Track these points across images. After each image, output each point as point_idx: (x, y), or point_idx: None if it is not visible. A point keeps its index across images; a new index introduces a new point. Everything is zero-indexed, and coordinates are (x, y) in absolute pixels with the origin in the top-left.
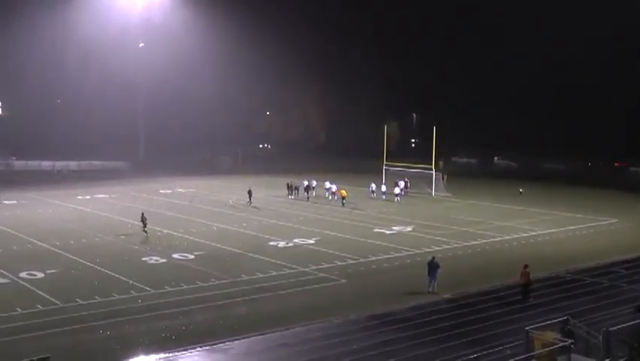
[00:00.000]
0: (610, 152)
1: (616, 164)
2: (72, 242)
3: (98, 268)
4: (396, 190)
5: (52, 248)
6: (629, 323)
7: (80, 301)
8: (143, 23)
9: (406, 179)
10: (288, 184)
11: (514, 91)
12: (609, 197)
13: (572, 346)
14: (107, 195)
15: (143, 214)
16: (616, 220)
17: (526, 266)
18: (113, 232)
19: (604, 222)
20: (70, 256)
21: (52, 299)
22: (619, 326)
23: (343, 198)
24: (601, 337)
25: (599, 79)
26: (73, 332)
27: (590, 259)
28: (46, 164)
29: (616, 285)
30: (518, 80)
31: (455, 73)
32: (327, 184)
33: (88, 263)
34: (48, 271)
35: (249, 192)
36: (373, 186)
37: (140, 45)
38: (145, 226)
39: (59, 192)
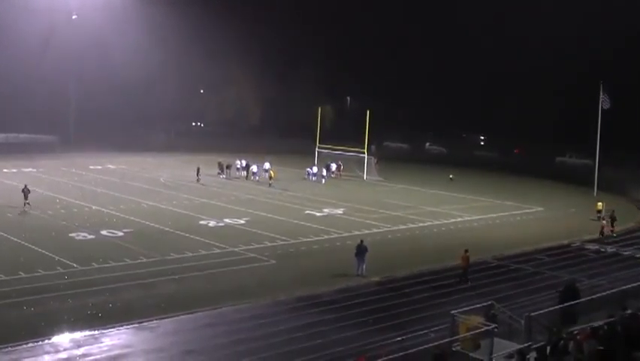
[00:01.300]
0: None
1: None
2: None
3: (24, 243)
4: (323, 172)
5: None
6: (549, 309)
7: (4, 277)
8: None
9: (340, 162)
10: (219, 163)
11: (447, 77)
12: (537, 186)
13: (496, 330)
14: (35, 169)
15: (26, 186)
16: (542, 209)
17: (466, 250)
18: (40, 207)
19: (530, 210)
20: None
21: None
22: (540, 312)
23: (271, 178)
24: (523, 321)
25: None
26: None
27: (516, 246)
28: None
29: (539, 272)
30: (452, 66)
31: (391, 58)
32: (255, 167)
33: (13, 238)
34: None
35: (198, 169)
36: (310, 169)
37: (74, 17)
38: (26, 198)
39: None
